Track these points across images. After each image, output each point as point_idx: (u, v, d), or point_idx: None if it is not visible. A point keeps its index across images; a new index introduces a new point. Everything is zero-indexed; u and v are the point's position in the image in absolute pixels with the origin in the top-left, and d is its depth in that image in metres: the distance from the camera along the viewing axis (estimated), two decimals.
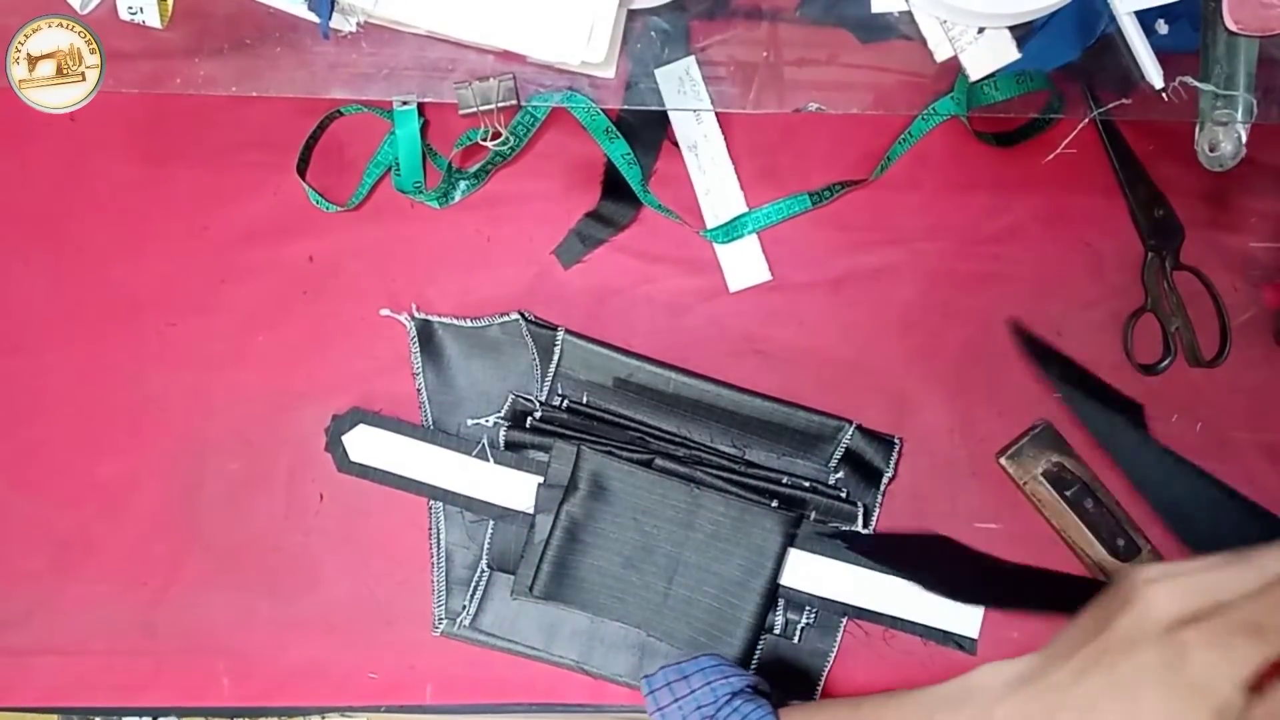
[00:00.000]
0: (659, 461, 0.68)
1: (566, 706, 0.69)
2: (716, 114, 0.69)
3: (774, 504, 0.67)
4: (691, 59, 0.64)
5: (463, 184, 0.70)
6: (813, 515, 0.68)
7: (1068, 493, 0.68)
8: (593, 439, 0.68)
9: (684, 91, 0.65)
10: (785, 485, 0.68)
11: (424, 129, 0.69)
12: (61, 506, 0.71)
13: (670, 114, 0.69)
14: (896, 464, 0.69)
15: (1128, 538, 0.68)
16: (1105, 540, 0.68)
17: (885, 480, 0.69)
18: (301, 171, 0.70)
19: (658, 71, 0.64)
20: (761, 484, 0.68)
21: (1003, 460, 0.69)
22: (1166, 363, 0.69)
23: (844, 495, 0.69)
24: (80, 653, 0.70)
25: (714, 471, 0.68)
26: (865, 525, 0.69)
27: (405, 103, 0.65)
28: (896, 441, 0.70)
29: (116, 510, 0.71)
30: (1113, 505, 0.69)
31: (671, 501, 0.67)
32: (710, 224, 0.70)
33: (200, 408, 0.71)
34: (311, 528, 0.70)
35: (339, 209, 0.70)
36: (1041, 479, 0.69)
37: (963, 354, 0.71)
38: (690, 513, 0.67)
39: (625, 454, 0.68)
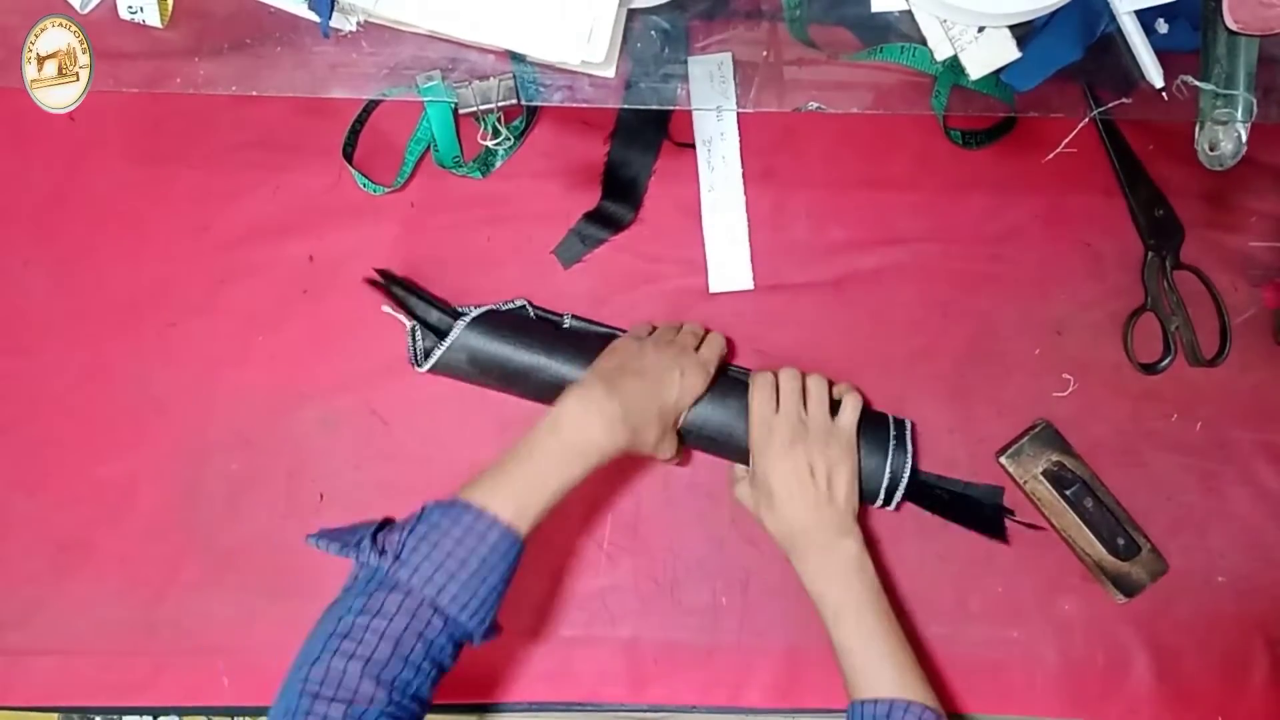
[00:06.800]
0: None
1: (566, 705, 0.69)
2: (738, 114, 0.69)
3: None
4: (728, 55, 0.65)
5: (501, 151, 0.71)
6: None
7: (1068, 492, 0.68)
8: None
9: (714, 86, 0.65)
10: None
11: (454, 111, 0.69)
12: (61, 506, 0.71)
13: (693, 104, 0.69)
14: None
15: (1128, 537, 0.68)
16: (1105, 539, 0.68)
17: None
18: (348, 156, 0.70)
19: (691, 59, 0.64)
20: None
21: (1003, 460, 0.69)
22: (1166, 362, 0.69)
23: None
24: (80, 652, 0.70)
25: None
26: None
27: (430, 78, 0.65)
28: (908, 424, 0.68)
29: (116, 511, 0.71)
30: (1113, 504, 0.69)
31: None
32: (709, 224, 0.70)
33: (200, 408, 0.71)
34: (311, 528, 0.70)
35: (386, 190, 0.70)
36: (1041, 478, 0.69)
37: (963, 354, 0.71)
38: None
39: None
